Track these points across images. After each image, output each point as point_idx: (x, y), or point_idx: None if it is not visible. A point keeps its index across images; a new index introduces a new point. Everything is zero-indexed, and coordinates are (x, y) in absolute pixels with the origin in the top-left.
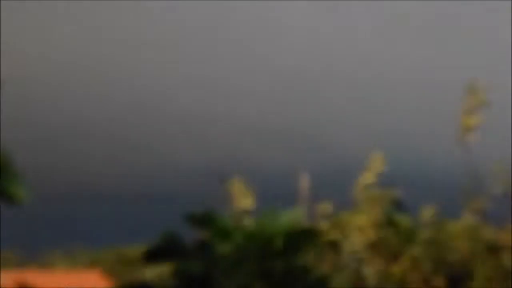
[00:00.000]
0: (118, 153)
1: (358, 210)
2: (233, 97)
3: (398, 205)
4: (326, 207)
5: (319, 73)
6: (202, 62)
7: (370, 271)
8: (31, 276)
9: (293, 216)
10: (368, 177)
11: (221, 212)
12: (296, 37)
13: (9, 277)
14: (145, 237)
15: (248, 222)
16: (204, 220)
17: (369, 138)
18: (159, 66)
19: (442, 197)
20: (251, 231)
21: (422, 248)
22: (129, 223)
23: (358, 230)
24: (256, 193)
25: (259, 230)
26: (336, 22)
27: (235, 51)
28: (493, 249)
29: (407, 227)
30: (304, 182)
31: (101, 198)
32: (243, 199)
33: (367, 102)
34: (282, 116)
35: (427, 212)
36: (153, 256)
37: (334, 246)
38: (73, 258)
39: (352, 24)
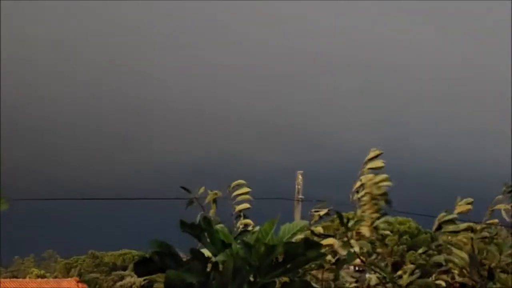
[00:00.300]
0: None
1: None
2: (232, 95)
3: (389, 205)
4: (317, 210)
5: (321, 72)
6: (201, 60)
7: (373, 277)
8: (3, 284)
9: (295, 227)
10: (366, 175)
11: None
12: (297, 36)
13: None
14: (129, 243)
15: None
16: (200, 227)
17: (375, 137)
18: (158, 65)
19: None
20: (250, 240)
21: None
22: (113, 228)
23: (356, 233)
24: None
25: (259, 240)
26: (339, 20)
27: (235, 49)
28: None
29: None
30: (299, 180)
31: (78, 202)
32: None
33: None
34: (282, 115)
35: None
36: (144, 266)
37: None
38: (46, 265)
39: (353, 18)
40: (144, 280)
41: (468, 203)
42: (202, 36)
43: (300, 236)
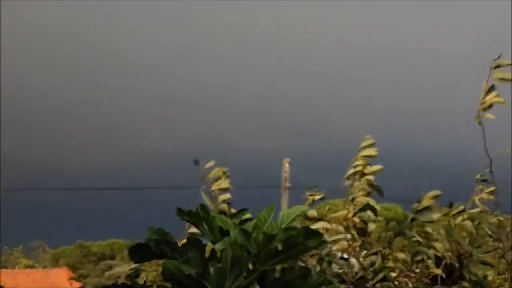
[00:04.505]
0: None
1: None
2: (222, 78)
3: (379, 192)
4: (312, 194)
5: (313, 55)
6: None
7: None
8: None
9: (295, 212)
10: (358, 163)
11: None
12: (287, 20)
13: None
14: (119, 232)
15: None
16: (197, 215)
17: (370, 121)
18: (151, 54)
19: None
20: (248, 227)
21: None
22: (101, 217)
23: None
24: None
25: (258, 227)
26: (329, 3)
27: (223, 36)
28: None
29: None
30: (286, 168)
31: (65, 192)
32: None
33: (368, 84)
34: (274, 100)
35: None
36: (140, 252)
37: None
38: (35, 255)
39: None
40: (130, 270)
41: (436, 196)
42: (190, 23)
43: (298, 218)
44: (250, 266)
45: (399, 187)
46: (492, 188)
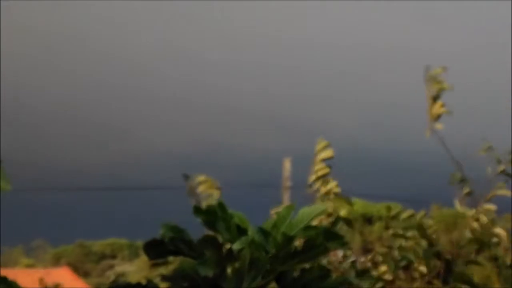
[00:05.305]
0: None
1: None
2: (221, 79)
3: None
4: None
5: (311, 53)
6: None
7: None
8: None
9: (314, 211)
10: (318, 167)
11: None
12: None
13: None
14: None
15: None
16: (214, 213)
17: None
18: (147, 54)
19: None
20: (267, 226)
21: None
22: (97, 217)
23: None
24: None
25: (277, 226)
26: (324, 3)
27: (221, 36)
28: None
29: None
30: (287, 168)
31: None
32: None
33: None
34: (270, 100)
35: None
36: (155, 248)
37: None
38: (37, 255)
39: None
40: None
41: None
42: (190, 23)
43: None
44: (268, 266)
45: (399, 187)
46: (468, 190)
